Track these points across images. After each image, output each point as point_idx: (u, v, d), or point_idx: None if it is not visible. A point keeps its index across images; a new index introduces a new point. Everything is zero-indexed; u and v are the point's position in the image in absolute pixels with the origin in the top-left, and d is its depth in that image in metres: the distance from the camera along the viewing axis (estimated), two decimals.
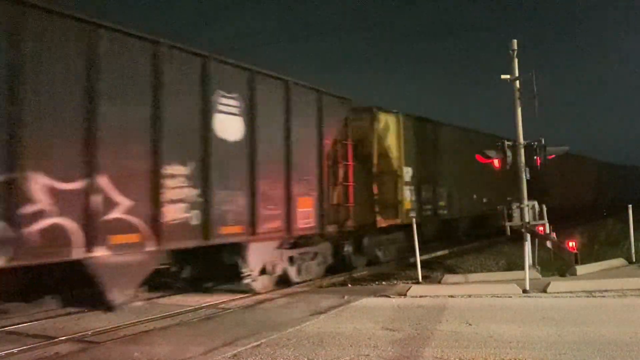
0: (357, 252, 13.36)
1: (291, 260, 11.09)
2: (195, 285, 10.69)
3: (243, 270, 9.90)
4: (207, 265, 10.38)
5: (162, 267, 9.72)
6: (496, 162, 11.88)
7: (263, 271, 10.37)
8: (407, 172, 14.91)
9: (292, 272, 11.09)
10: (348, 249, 12.92)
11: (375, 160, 13.83)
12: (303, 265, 11.37)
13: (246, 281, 10.00)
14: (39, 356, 6.58)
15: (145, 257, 8.10)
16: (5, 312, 8.59)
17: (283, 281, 10.96)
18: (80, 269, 7.40)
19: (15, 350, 6.67)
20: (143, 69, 8.08)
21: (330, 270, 12.31)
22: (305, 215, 10.97)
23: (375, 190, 13.68)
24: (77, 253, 7.15)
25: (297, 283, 11.08)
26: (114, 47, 7.65)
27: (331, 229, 11.69)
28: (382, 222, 13.79)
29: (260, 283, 10.34)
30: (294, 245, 11.17)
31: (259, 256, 10.18)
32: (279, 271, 10.77)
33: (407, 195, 14.79)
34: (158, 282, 10.31)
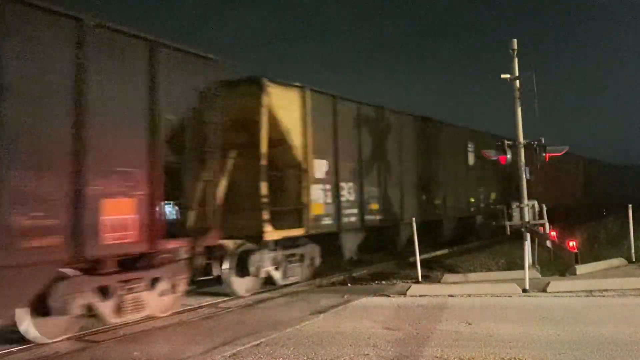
0: (242, 274, 10.11)
1: (104, 291, 7.40)
2: None
3: None
4: None
5: None
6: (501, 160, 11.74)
7: (45, 310, 6.94)
8: (320, 167, 11.42)
9: (106, 308, 7.41)
10: (226, 270, 9.63)
11: (264, 149, 10.20)
12: (127, 298, 7.63)
13: None
14: (38, 355, 6.59)
15: None
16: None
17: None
18: None
19: (15, 349, 6.67)
20: None
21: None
22: (120, 226, 7.26)
23: (264, 189, 10.17)
24: None
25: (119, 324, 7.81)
26: None
27: (176, 244, 8.24)
28: (272, 234, 10.24)
29: (37, 329, 7.00)
30: (121, 269, 7.66)
31: (14, 292, 6.35)
32: (77, 310, 7.08)
33: (319, 196, 11.33)
34: None
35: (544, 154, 11.65)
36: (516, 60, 11.88)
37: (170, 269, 8.35)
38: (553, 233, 11.61)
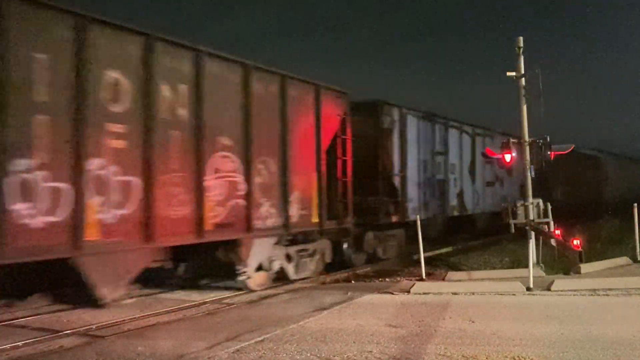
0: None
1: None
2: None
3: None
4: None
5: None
6: (507, 158, 11.65)
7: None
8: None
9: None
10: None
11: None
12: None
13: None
14: (43, 349, 6.62)
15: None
16: (10, 305, 8.64)
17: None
18: None
19: (20, 344, 6.71)
20: None
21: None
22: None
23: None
24: None
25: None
26: None
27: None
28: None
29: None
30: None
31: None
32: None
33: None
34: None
35: (549, 152, 11.59)
36: (522, 58, 11.80)
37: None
38: (557, 232, 11.56)
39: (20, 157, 6.51)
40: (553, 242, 11.42)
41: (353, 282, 11.41)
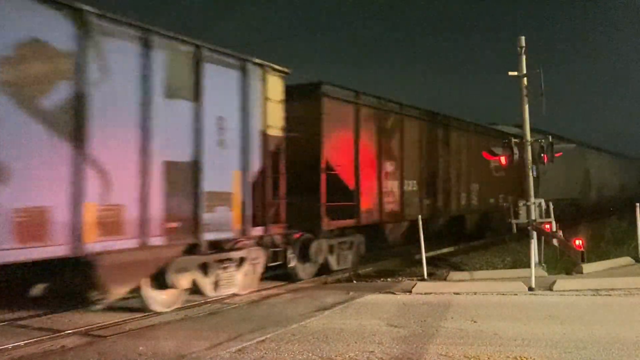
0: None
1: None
2: None
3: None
4: None
5: None
6: (503, 160, 11.72)
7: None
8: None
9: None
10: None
11: None
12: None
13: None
14: (45, 349, 6.63)
15: None
16: (12, 305, 8.63)
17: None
18: None
19: (22, 343, 6.72)
20: None
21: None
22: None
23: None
24: None
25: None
26: None
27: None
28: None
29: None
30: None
31: None
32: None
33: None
34: None
35: (551, 152, 11.59)
36: (524, 57, 11.79)
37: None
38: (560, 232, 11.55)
39: None
40: (555, 242, 11.41)
41: (355, 282, 11.40)
